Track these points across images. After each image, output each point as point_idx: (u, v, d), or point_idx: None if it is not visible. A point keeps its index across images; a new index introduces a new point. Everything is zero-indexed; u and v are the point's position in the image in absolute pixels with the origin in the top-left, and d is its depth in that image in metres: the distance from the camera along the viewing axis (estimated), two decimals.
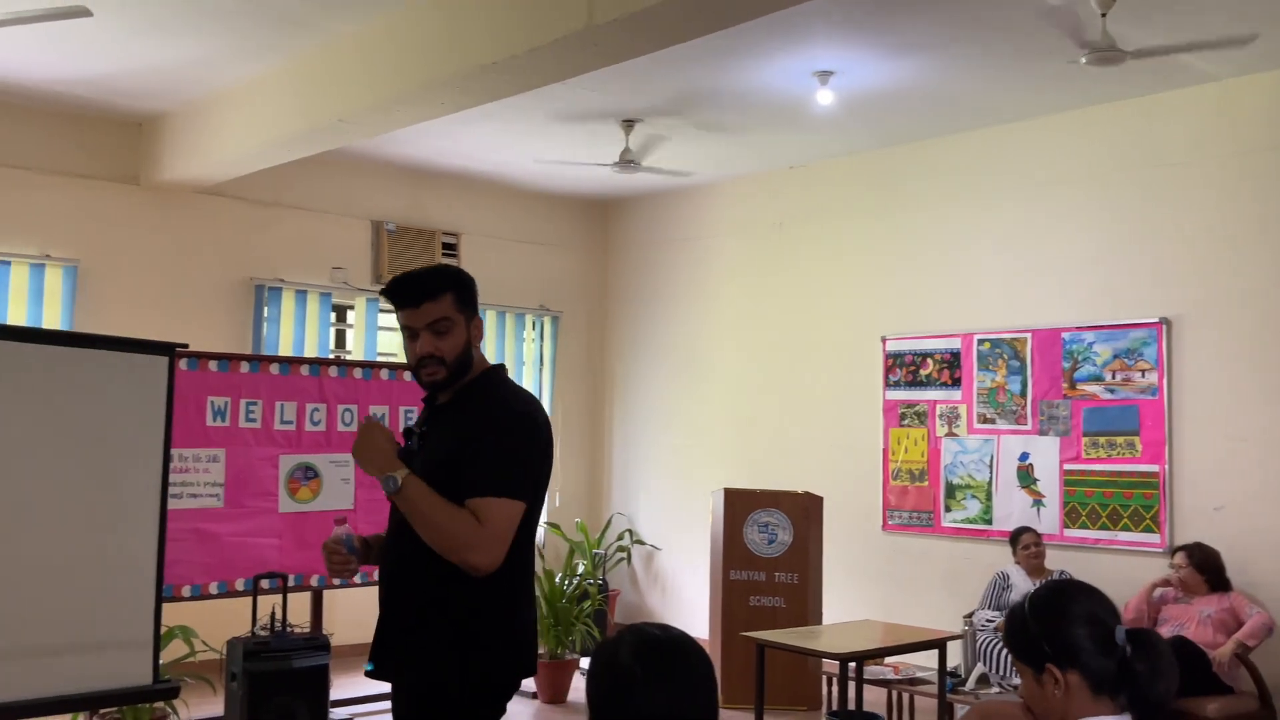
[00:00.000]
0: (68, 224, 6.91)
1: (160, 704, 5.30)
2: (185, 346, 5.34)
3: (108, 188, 7.10)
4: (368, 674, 2.74)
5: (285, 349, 7.58)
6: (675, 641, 1.77)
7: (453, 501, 2.51)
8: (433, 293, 2.59)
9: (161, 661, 4.63)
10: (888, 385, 7.43)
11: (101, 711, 5.27)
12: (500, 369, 2.78)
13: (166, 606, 4.66)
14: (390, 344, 8.35)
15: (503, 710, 2.62)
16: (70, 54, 5.86)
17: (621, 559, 8.84)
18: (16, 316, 6.61)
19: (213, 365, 5.71)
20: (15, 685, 4.46)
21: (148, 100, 6.70)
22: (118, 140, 7.15)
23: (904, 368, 7.36)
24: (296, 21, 5.42)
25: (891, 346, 7.43)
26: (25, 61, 5.98)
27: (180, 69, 6.11)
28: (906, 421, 7.32)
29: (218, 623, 5.82)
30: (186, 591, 5.55)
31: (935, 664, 5.37)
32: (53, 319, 6.75)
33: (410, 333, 2.62)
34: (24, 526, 4.54)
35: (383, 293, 2.73)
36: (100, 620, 4.56)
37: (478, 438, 2.54)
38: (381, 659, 2.67)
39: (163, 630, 4.65)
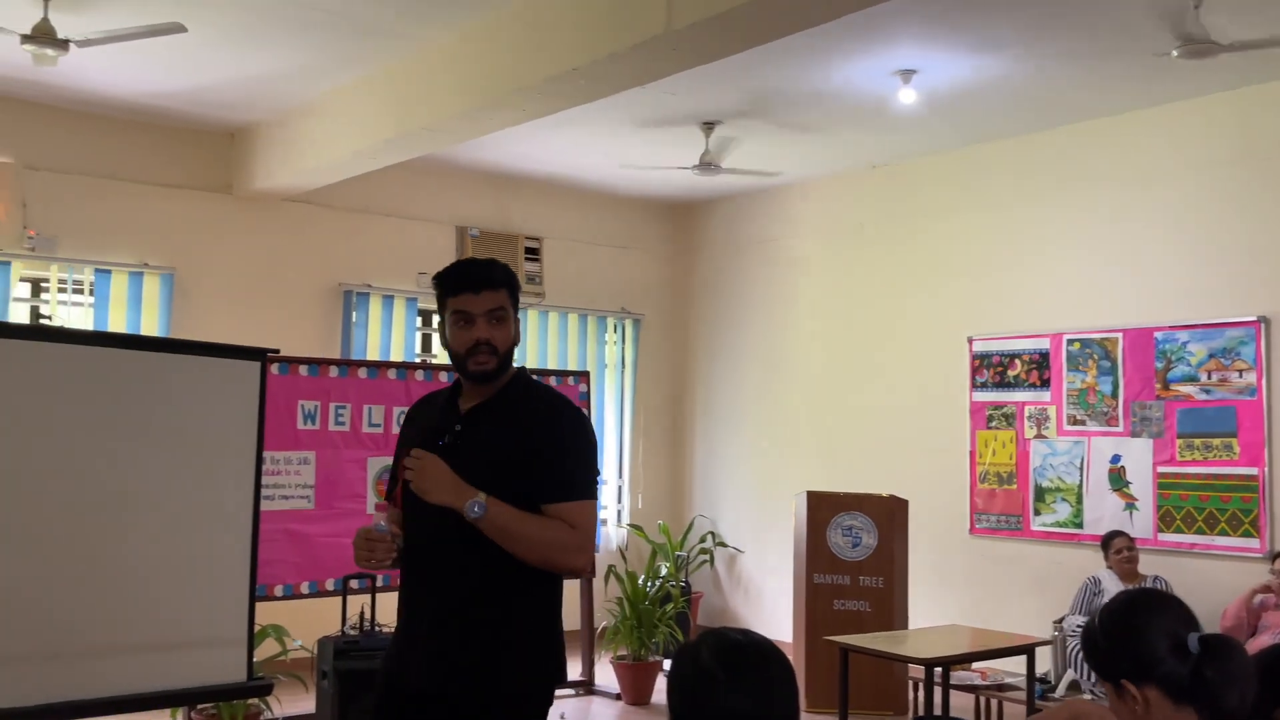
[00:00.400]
0: (164, 233, 7.12)
1: (254, 700, 5.44)
2: (276, 351, 5.48)
3: (202, 197, 7.30)
4: (391, 685, 2.63)
5: (373, 353, 7.72)
6: (757, 645, 1.78)
7: (519, 503, 2.50)
8: (494, 282, 2.59)
9: (255, 659, 4.73)
10: (974, 387, 7.32)
11: (199, 707, 5.42)
12: (526, 370, 2.77)
13: (259, 605, 4.77)
14: None
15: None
16: (166, 69, 6.04)
17: (704, 561, 8.83)
18: (117, 323, 6.84)
19: (303, 369, 5.84)
20: (119, 681, 4.62)
21: (239, 111, 6.89)
22: (211, 151, 7.35)
23: (991, 369, 7.24)
24: (382, 32, 5.52)
25: (978, 347, 7.32)
26: (124, 77, 6.19)
27: (271, 81, 6.27)
28: (994, 423, 7.21)
29: (309, 622, 5.95)
30: (279, 591, 5.68)
31: (1024, 670, 5.28)
32: (151, 325, 6.96)
33: (464, 318, 2.56)
34: (126, 527, 4.70)
35: (441, 276, 2.63)
36: (197, 619, 4.70)
37: (549, 442, 2.54)
38: (432, 669, 2.54)
39: (256, 629, 4.76)
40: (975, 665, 5.78)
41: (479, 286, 2.56)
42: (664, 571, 7.54)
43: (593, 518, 2.59)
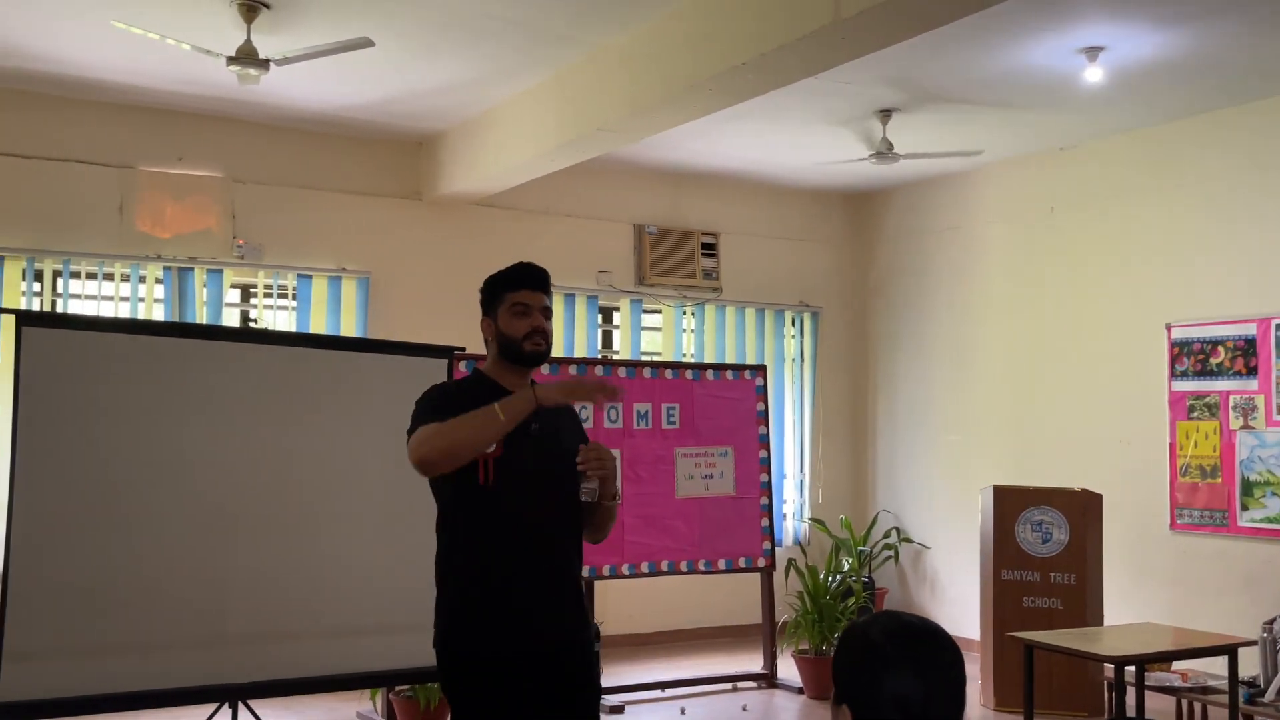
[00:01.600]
0: (360, 239, 7.50)
1: None
2: (463, 350, 5.71)
3: (394, 204, 7.65)
4: (518, 651, 2.85)
5: (555, 350, 7.85)
6: (929, 629, 1.77)
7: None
8: (547, 286, 3.01)
9: None
10: (1173, 375, 6.97)
11: (396, 689, 5.69)
12: None
13: None
14: (652, 343, 8.57)
15: None
16: (357, 83, 6.36)
17: (888, 557, 8.70)
18: (318, 325, 7.24)
19: None
20: (324, 662, 4.91)
21: (426, 121, 7.18)
22: (401, 159, 7.69)
23: (1191, 356, 6.88)
24: (555, 37, 5.67)
25: (1177, 334, 6.96)
26: (319, 92, 6.55)
27: (453, 90, 6.52)
28: (1195, 414, 6.85)
29: None
30: None
31: (1227, 672, 5.00)
32: (349, 327, 7.34)
33: (523, 309, 2.93)
34: (329, 517, 4.99)
35: (504, 273, 3.00)
36: (394, 605, 4.95)
37: (583, 439, 3.03)
38: (564, 622, 2.93)
39: None
40: (1176, 666, 5.51)
41: (537, 286, 2.98)
42: (846, 566, 7.46)
43: None
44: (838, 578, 7.14)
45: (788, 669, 6.98)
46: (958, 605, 8.07)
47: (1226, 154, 6.74)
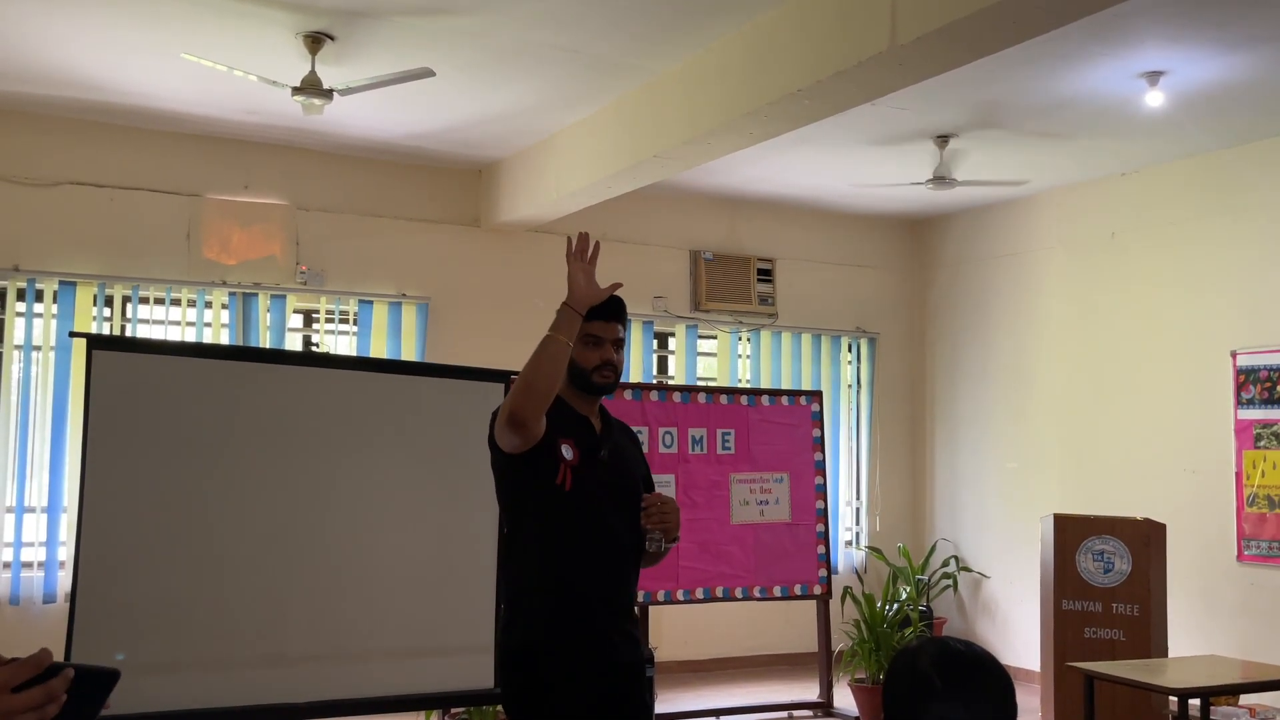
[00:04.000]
0: (420, 265, 7.60)
1: (500, 707, 5.69)
2: (519, 374, 5.75)
3: (453, 230, 7.76)
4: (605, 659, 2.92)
5: None
6: (977, 657, 1.76)
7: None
8: (622, 318, 3.05)
9: None
10: (1240, 404, 6.84)
11: (452, 711, 5.73)
12: None
13: None
14: (708, 369, 8.57)
15: None
16: (417, 111, 6.47)
17: (947, 585, 8.59)
18: (378, 349, 7.34)
19: None
20: (381, 683, 4.95)
21: (485, 149, 7.28)
22: (460, 187, 7.80)
23: (1259, 384, 6.75)
24: (613, 65, 5.73)
25: (1243, 361, 6.84)
26: (381, 121, 6.67)
27: (513, 118, 6.61)
28: (1263, 443, 6.71)
29: None
30: None
31: None
32: (409, 351, 7.44)
33: (595, 340, 2.97)
34: (386, 539, 5.04)
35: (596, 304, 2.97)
36: (450, 627, 4.99)
37: (645, 466, 3.15)
38: (634, 644, 3.00)
39: None
40: (1244, 701, 5.39)
41: (611, 316, 3.01)
42: (904, 595, 7.39)
43: None
44: (895, 606, 7.07)
45: (844, 698, 6.92)
46: (1018, 635, 7.95)
47: None
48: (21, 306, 6.60)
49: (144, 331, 6.82)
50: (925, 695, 1.71)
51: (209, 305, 6.98)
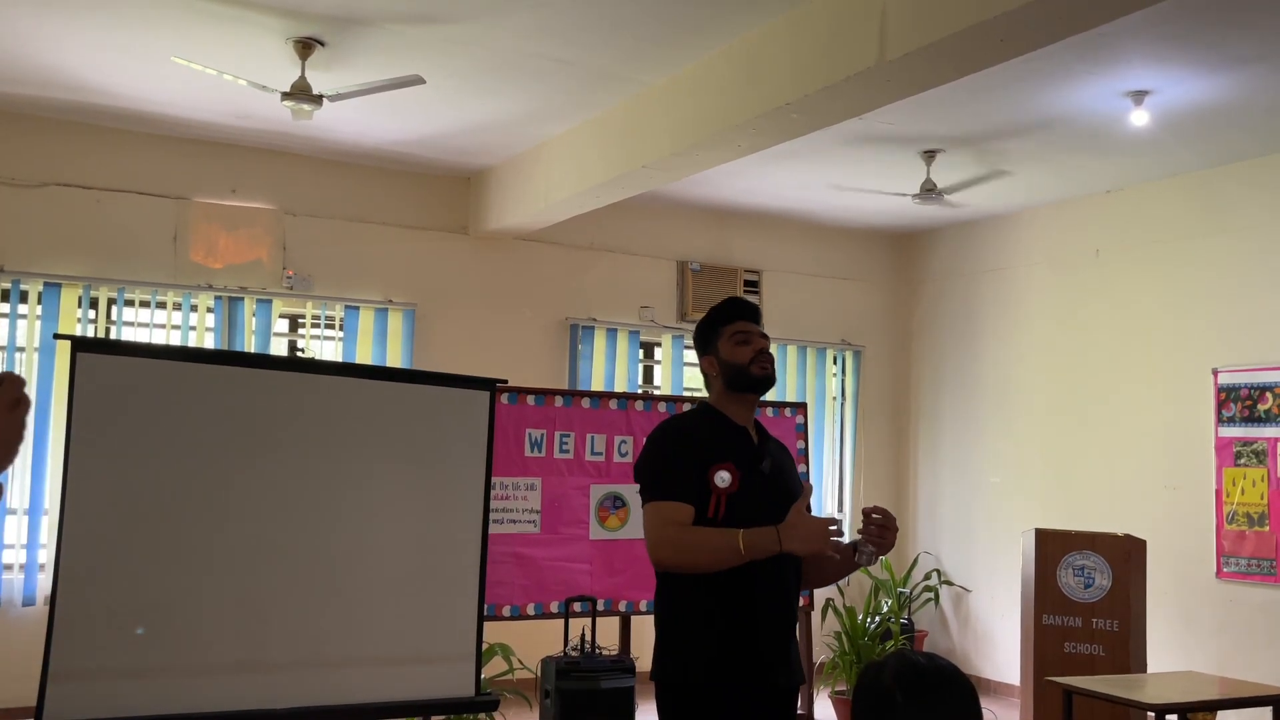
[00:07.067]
0: (407, 272, 7.60)
1: (482, 715, 5.68)
2: (505, 382, 5.75)
3: (441, 238, 7.76)
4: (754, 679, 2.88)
5: (597, 384, 7.96)
6: (939, 670, 1.77)
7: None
8: (760, 320, 3.10)
9: (483, 676, 4.95)
10: (1220, 421, 6.89)
11: (432, 718, 5.71)
12: None
13: (487, 625, 4.99)
14: (694, 379, 8.58)
15: None
16: (407, 118, 6.48)
17: (929, 599, 8.62)
18: (364, 355, 7.34)
19: (530, 399, 6.10)
20: (358, 689, 4.93)
21: (474, 156, 7.29)
22: (448, 194, 7.81)
23: (1239, 402, 6.80)
24: (604, 77, 5.75)
25: (1224, 379, 6.89)
26: (370, 128, 6.67)
27: (503, 126, 6.62)
28: (1243, 461, 6.75)
29: (532, 642, 6.17)
30: (506, 611, 5.92)
31: None
32: (395, 358, 7.43)
33: (744, 337, 2.99)
34: (366, 545, 5.03)
35: (721, 307, 3.09)
36: (431, 634, 4.97)
37: (799, 481, 3.05)
38: (792, 666, 2.97)
39: (484, 647, 4.98)
40: (1221, 716, 5.41)
41: (751, 316, 3.07)
42: (885, 608, 7.40)
43: None
44: (876, 619, 7.09)
45: (825, 710, 6.93)
46: (999, 649, 7.98)
47: (1276, 198, 6.68)
48: (5, 307, 6.58)
49: (129, 334, 6.80)
50: (888, 711, 1.72)
51: (195, 309, 6.97)
